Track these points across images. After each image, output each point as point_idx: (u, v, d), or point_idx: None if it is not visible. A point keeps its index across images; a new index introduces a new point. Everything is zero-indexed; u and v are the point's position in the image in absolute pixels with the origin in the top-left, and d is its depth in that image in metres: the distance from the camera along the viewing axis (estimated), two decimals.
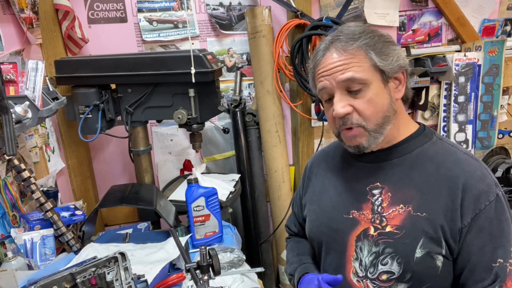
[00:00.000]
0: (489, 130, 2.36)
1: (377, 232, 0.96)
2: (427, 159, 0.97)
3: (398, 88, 0.99)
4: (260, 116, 2.10)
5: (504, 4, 2.34)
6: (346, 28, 0.98)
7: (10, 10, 1.47)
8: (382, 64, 0.93)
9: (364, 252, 0.98)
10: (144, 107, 1.66)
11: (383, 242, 0.95)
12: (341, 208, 1.04)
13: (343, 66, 0.93)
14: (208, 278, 0.99)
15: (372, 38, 0.94)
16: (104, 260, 0.99)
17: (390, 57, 0.94)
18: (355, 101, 0.94)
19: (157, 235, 1.52)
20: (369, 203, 0.99)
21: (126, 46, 1.92)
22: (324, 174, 1.14)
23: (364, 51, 0.93)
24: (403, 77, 0.99)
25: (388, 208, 0.96)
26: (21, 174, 1.30)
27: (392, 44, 0.97)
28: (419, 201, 0.93)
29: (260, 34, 1.97)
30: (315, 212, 1.12)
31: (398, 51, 0.97)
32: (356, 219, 1.00)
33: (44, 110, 1.25)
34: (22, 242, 1.27)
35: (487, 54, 2.26)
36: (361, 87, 0.93)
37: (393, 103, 0.97)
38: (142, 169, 1.78)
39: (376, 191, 0.99)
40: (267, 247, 2.27)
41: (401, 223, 0.94)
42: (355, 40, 0.94)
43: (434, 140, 1.01)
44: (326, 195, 1.10)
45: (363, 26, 0.99)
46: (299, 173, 2.24)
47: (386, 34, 0.99)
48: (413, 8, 2.24)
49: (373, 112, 0.94)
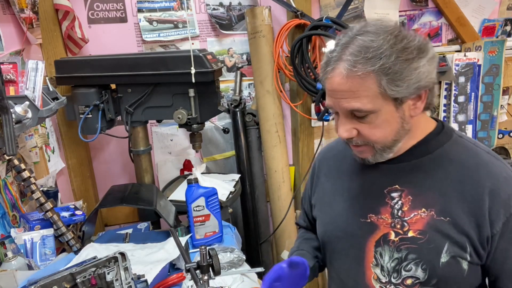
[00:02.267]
0: (489, 130, 2.36)
1: (398, 237, 0.91)
2: (448, 160, 0.91)
3: (415, 105, 0.88)
4: (260, 116, 2.10)
5: (504, 4, 2.34)
6: (363, 36, 0.83)
7: (10, 10, 1.47)
8: (394, 93, 0.82)
9: (385, 258, 0.93)
10: (144, 107, 1.66)
11: (405, 247, 0.90)
12: (357, 212, 0.98)
13: (349, 93, 0.84)
14: (208, 278, 0.99)
15: (389, 57, 0.80)
16: (104, 260, 0.99)
17: (407, 81, 0.82)
18: (360, 126, 0.87)
19: (157, 235, 1.52)
20: (388, 206, 0.94)
21: (126, 46, 1.92)
22: (335, 174, 1.08)
23: (375, 76, 0.81)
24: (424, 95, 0.87)
25: (409, 212, 0.91)
26: (21, 174, 1.30)
27: (416, 59, 0.82)
28: (442, 204, 0.88)
29: (260, 34, 1.97)
30: (328, 215, 1.06)
31: (422, 69, 0.82)
32: (375, 223, 0.95)
33: (44, 110, 1.25)
34: (22, 242, 1.27)
35: (487, 54, 2.26)
36: (368, 114, 0.85)
37: (407, 123, 0.88)
38: (142, 169, 1.78)
39: (395, 194, 0.94)
40: (267, 247, 2.27)
41: (424, 227, 0.89)
42: (367, 61, 0.80)
43: (454, 138, 0.94)
44: (339, 197, 1.04)
45: (385, 32, 0.83)
46: (299, 173, 2.24)
47: (413, 43, 0.82)
48: (413, 8, 2.24)
49: (379, 138, 0.88)
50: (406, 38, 0.83)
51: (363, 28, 0.85)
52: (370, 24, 0.86)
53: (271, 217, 2.26)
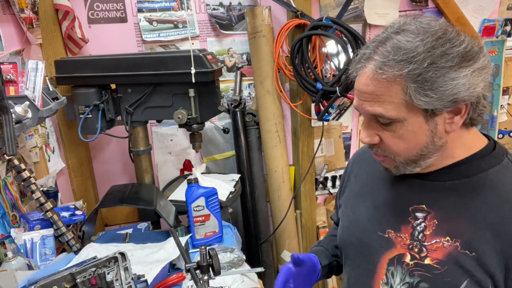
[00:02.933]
0: (489, 130, 2.36)
1: (413, 261, 0.84)
2: (490, 187, 0.80)
3: (452, 120, 0.77)
4: (260, 116, 2.10)
5: (504, 4, 2.34)
6: (400, 36, 0.75)
7: (10, 10, 1.47)
8: (421, 103, 0.73)
9: (396, 279, 0.86)
10: (144, 107, 1.66)
11: (419, 274, 0.83)
12: (376, 224, 0.92)
13: (372, 97, 0.77)
14: (208, 278, 0.99)
15: (421, 63, 0.71)
16: (104, 260, 0.99)
17: (439, 92, 0.72)
18: (383, 133, 0.80)
19: (157, 235, 1.52)
20: (410, 226, 0.86)
21: (126, 46, 1.92)
22: (365, 177, 1.02)
23: (402, 82, 0.73)
24: (464, 109, 0.76)
25: (431, 238, 0.83)
26: (21, 174, 1.30)
27: (457, 68, 0.72)
28: (470, 237, 0.78)
29: (260, 34, 1.97)
30: (348, 219, 1.02)
31: (461, 80, 0.72)
32: (392, 241, 0.88)
33: (44, 110, 1.25)
34: (22, 242, 1.27)
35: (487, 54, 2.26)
36: (392, 121, 0.77)
37: (439, 138, 0.79)
38: (142, 169, 1.78)
39: (420, 215, 0.85)
40: (267, 247, 2.27)
41: (444, 258, 0.80)
42: (396, 64, 0.73)
43: (505, 163, 0.82)
44: (363, 203, 0.98)
45: (426, 33, 0.73)
46: (299, 173, 2.24)
47: (459, 48, 0.72)
48: (413, 8, 2.24)
49: (403, 149, 0.80)
50: (450, 42, 0.73)
51: (403, 25, 0.77)
52: (413, 22, 0.77)
53: (271, 217, 2.26)
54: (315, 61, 1.97)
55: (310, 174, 2.23)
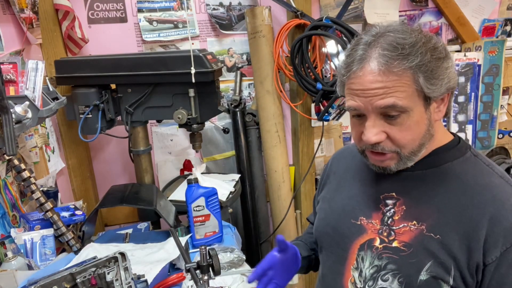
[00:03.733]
0: (489, 130, 2.36)
1: (382, 245, 0.89)
2: (454, 176, 0.87)
3: (439, 109, 0.86)
4: (260, 116, 2.10)
5: (504, 4, 2.34)
6: (392, 34, 0.81)
7: (10, 10, 1.47)
8: (430, 91, 0.80)
9: (365, 263, 0.91)
10: (144, 107, 1.66)
11: (386, 256, 0.88)
12: (350, 212, 0.97)
13: (384, 89, 0.79)
14: (208, 278, 0.99)
15: (424, 55, 0.78)
16: (104, 260, 0.99)
17: (441, 80, 0.80)
18: (390, 128, 0.83)
19: (157, 235, 1.52)
20: (380, 212, 0.92)
21: (126, 46, 1.92)
22: (341, 173, 1.08)
23: (412, 73, 0.78)
24: (446, 98, 0.86)
25: (399, 222, 0.89)
26: (21, 174, 1.30)
27: (445, 59, 0.82)
28: (435, 221, 0.84)
29: (260, 34, 1.97)
30: (324, 211, 1.07)
31: (451, 69, 0.82)
32: (364, 227, 0.94)
33: (44, 110, 1.25)
34: (22, 242, 1.27)
35: (487, 54, 2.26)
36: (400, 114, 0.81)
37: (431, 127, 0.85)
38: (142, 169, 1.78)
39: (389, 201, 0.92)
40: (267, 247, 2.27)
41: (410, 240, 0.86)
42: (405, 57, 0.78)
43: (467, 156, 0.90)
44: (339, 196, 1.04)
45: (414, 31, 0.81)
46: (299, 173, 2.24)
47: (440, 43, 0.82)
48: (413, 8, 2.24)
49: (410, 141, 0.84)
50: (432, 39, 0.82)
51: (388, 27, 0.83)
52: (395, 24, 0.84)
53: (271, 217, 2.26)
54: (315, 61, 1.97)
55: (310, 174, 2.23)
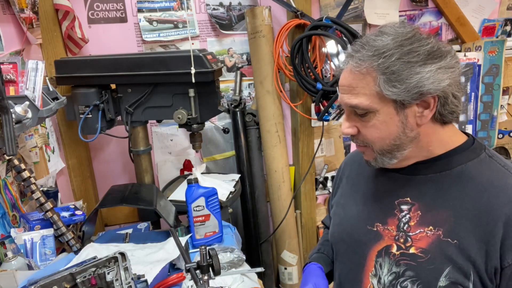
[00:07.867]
0: (489, 130, 2.36)
1: (399, 251, 0.88)
2: (469, 179, 0.85)
3: (422, 114, 0.84)
4: (260, 116, 2.10)
5: (504, 4, 2.34)
6: (378, 37, 0.84)
7: (10, 10, 1.47)
8: (389, 93, 0.81)
9: (384, 270, 0.91)
10: (144, 107, 1.66)
11: (404, 263, 0.87)
12: (365, 219, 0.97)
13: (350, 89, 0.86)
14: (208, 278, 0.99)
15: (390, 57, 0.80)
16: (104, 260, 0.99)
17: (405, 83, 0.80)
18: (360, 124, 0.88)
19: (157, 235, 1.52)
20: (396, 218, 0.91)
21: (126, 46, 1.92)
22: (354, 177, 1.08)
23: (374, 74, 0.82)
24: (432, 102, 0.83)
25: (415, 228, 0.88)
26: (21, 174, 1.30)
27: (421, 63, 0.80)
28: (451, 226, 0.83)
29: (260, 34, 1.97)
30: (339, 216, 1.06)
31: (425, 75, 0.80)
32: (380, 233, 0.93)
33: (44, 110, 1.25)
34: (22, 242, 1.27)
35: (487, 54, 2.26)
36: (366, 112, 0.85)
37: (410, 130, 0.85)
38: (142, 169, 1.78)
39: (405, 207, 0.91)
40: (267, 247, 2.27)
41: (428, 246, 0.85)
42: (370, 57, 0.82)
43: (482, 157, 0.88)
44: (353, 201, 1.04)
45: (398, 34, 0.83)
46: (299, 173, 2.24)
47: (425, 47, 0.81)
48: (413, 8, 2.24)
49: (377, 138, 0.87)
50: (418, 42, 0.82)
51: (381, 28, 0.87)
52: (389, 26, 0.87)
53: (271, 217, 2.26)
54: (315, 61, 1.97)
55: (310, 174, 2.23)
